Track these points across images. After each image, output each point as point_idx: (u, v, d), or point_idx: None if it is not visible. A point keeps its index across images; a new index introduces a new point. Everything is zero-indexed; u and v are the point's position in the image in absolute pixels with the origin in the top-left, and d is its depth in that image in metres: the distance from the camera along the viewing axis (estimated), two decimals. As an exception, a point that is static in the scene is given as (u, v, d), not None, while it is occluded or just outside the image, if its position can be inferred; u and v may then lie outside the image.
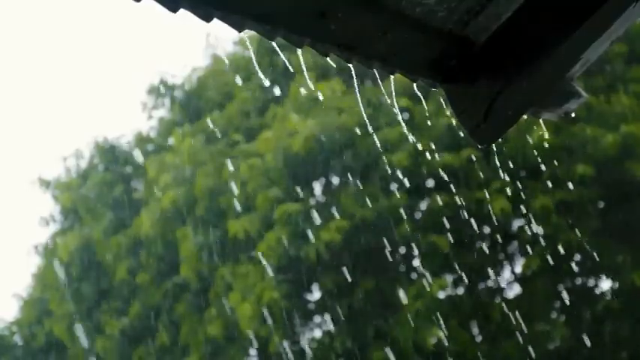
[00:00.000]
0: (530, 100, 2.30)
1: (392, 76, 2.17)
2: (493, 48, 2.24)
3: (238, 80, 14.67)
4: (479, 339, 12.69)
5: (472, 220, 11.46)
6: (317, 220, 12.04)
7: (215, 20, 1.70)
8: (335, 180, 13.02)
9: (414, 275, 12.83)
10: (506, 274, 13.36)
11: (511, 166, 11.57)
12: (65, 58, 30.52)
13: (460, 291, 12.87)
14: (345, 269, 11.84)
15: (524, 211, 11.98)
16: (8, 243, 32.49)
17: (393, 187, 12.44)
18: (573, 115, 2.61)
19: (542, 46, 2.19)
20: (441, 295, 12.50)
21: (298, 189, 12.41)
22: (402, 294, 11.98)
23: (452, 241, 11.93)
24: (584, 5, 2.16)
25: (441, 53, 2.19)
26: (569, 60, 2.28)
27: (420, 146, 12.27)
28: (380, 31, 1.97)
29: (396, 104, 12.09)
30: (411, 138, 12.21)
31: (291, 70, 12.25)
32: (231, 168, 12.79)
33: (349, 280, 11.88)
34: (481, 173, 11.88)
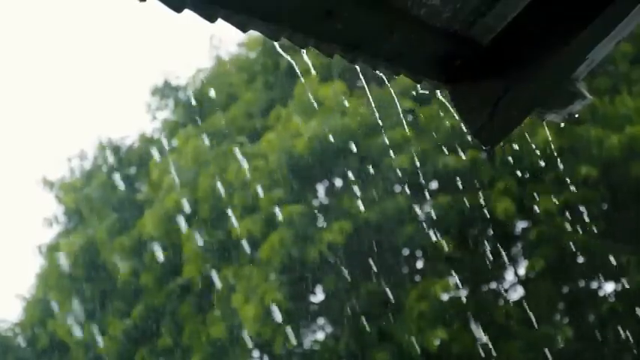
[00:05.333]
0: (535, 100, 2.29)
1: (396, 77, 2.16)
2: (498, 48, 2.23)
3: (242, 82, 14.65)
4: (482, 341, 12.66)
5: (475, 222, 11.43)
6: (320, 221, 12.02)
7: (219, 20, 1.69)
8: (338, 182, 12.99)
9: (417, 277, 12.80)
10: (510, 276, 13.33)
11: (515, 167, 11.55)
12: (69, 58, 30.53)
13: (463, 293, 12.84)
14: (348, 271, 11.82)
15: (528, 212, 11.95)
16: (12, 243, 32.46)
17: (397, 188, 12.42)
18: (577, 116, 2.60)
19: (548, 47, 2.18)
20: (445, 297, 12.47)
21: (302, 190, 12.39)
22: (405, 296, 11.95)
23: (455, 242, 11.91)
24: (590, 6, 2.15)
25: (445, 53, 2.18)
26: (574, 61, 2.27)
27: (423, 148, 12.23)
28: (386, 31, 1.96)
29: (399, 106, 12.09)
30: (415, 140, 12.19)
31: (296, 71, 12.23)
32: (234, 169, 12.77)
33: (352, 281, 11.86)
34: (485, 175, 11.86)
